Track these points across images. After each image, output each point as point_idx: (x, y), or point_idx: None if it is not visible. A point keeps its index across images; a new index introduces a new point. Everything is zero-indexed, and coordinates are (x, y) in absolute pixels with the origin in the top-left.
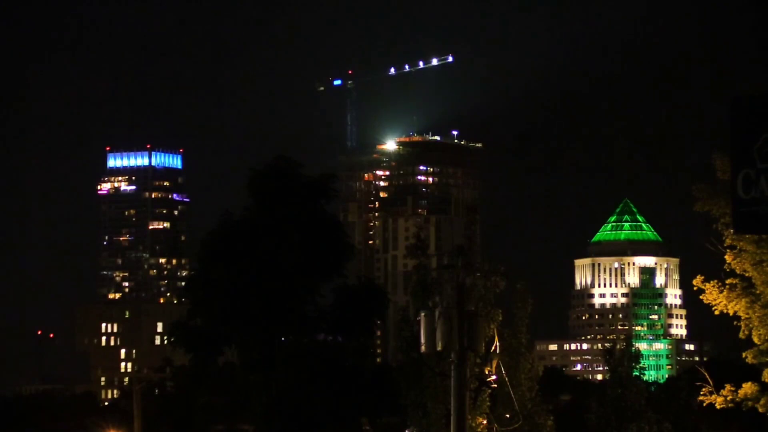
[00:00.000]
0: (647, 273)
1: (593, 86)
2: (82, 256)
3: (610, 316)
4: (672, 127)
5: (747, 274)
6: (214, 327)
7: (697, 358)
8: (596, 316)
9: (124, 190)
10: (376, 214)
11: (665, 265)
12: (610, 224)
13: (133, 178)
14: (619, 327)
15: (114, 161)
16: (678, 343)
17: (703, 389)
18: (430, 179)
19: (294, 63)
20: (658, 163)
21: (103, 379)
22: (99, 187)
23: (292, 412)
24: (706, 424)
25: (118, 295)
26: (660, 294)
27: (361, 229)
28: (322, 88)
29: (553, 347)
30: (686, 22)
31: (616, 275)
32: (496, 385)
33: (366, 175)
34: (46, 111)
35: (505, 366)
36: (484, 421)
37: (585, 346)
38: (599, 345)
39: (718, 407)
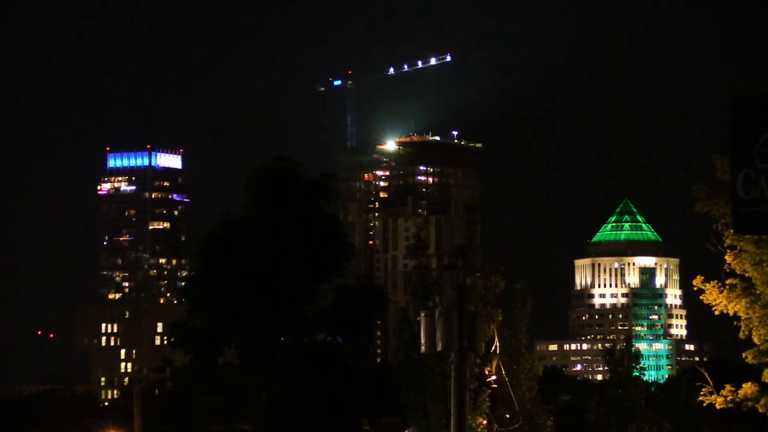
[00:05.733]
0: (647, 273)
1: (593, 86)
2: (82, 256)
3: (610, 316)
4: (672, 127)
5: (747, 275)
6: (214, 327)
7: (697, 358)
8: (596, 317)
9: (124, 190)
10: (376, 214)
11: (665, 265)
12: (610, 224)
13: (133, 178)
14: (619, 327)
15: (114, 161)
16: (678, 343)
17: (703, 389)
18: (430, 179)
19: (294, 63)
20: (658, 163)
21: (103, 379)
22: (99, 188)
23: (292, 412)
24: (706, 424)
25: (118, 295)
26: (660, 294)
27: (361, 229)
28: (322, 89)
29: (553, 347)
30: (687, 22)
31: (616, 275)
32: (496, 385)
33: (366, 175)
34: (46, 111)
35: (505, 366)
36: (484, 421)
37: (585, 346)
38: (599, 345)
39: (718, 407)
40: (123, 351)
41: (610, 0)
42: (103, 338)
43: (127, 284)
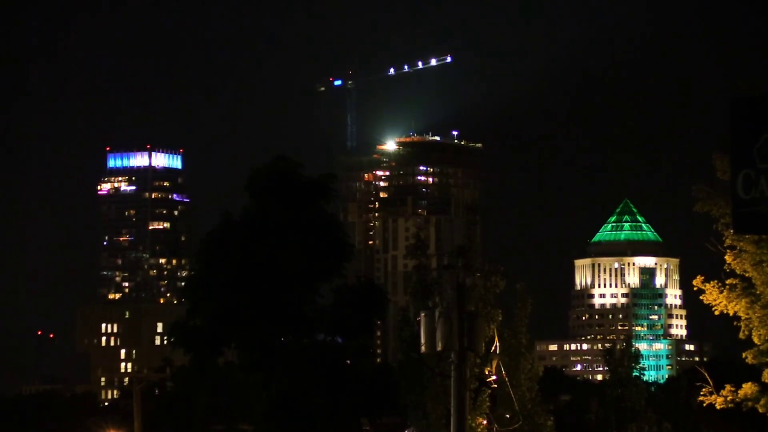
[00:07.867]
0: (647, 273)
1: (593, 86)
2: (82, 256)
3: (610, 316)
4: (672, 127)
5: (747, 275)
6: (214, 327)
7: (697, 358)
8: (596, 317)
9: (124, 190)
10: (376, 214)
11: (665, 265)
12: (610, 224)
13: (133, 178)
14: (619, 327)
15: (114, 161)
16: (678, 343)
17: (703, 389)
18: (430, 179)
19: (294, 63)
20: (658, 163)
21: (103, 379)
22: (99, 188)
23: (292, 412)
24: (706, 424)
25: (118, 295)
26: (660, 294)
27: (361, 229)
28: (322, 89)
29: (553, 347)
30: (687, 22)
31: (616, 275)
32: (496, 385)
33: (366, 175)
34: (46, 111)
35: (505, 366)
36: (484, 421)
37: (585, 346)
38: (599, 345)
39: (718, 407)
40: (123, 351)
41: (611, 0)
42: (103, 338)
43: (127, 284)
